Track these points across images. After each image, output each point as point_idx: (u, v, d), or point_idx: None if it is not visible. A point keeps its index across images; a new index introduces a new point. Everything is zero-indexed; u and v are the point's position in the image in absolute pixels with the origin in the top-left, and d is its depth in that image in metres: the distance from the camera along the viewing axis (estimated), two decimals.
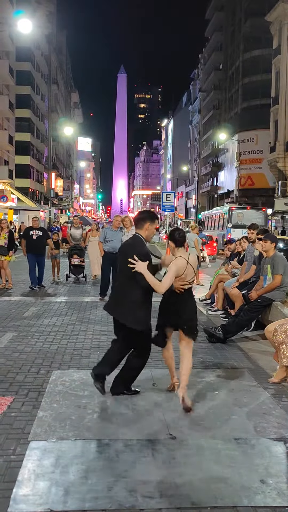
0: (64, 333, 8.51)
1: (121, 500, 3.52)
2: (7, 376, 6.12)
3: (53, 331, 8.62)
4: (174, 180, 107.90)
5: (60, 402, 5.27)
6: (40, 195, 63.89)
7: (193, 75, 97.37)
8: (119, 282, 5.51)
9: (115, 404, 5.29)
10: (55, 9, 79.35)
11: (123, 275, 5.26)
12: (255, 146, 54.07)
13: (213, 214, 38.42)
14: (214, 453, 4.25)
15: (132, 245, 5.31)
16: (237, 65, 61.19)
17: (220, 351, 7.57)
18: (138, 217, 5.45)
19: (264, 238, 8.21)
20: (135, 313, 5.18)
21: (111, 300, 5.56)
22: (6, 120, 46.89)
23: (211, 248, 26.37)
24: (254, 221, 30.74)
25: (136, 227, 5.42)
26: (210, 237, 27.08)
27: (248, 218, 28.67)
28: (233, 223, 30.12)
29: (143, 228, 5.32)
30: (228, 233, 28.51)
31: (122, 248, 5.59)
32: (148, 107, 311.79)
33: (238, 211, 31.29)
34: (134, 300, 5.17)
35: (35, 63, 58.79)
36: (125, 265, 5.10)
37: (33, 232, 13.83)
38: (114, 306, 5.38)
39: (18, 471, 3.85)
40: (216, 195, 69.24)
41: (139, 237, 5.33)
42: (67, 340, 8.01)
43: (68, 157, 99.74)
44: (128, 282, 5.17)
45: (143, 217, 5.40)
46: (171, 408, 5.20)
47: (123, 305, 5.24)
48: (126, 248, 5.36)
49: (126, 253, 5.18)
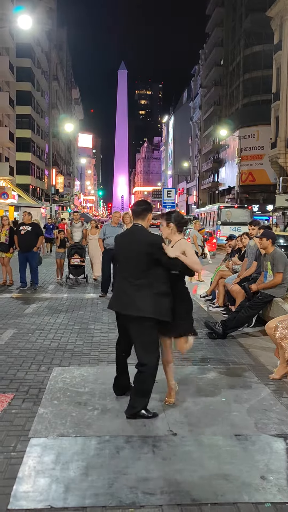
0: (64, 330, 8.51)
1: (122, 497, 3.52)
2: (8, 373, 6.12)
3: (53, 328, 8.61)
4: (175, 177, 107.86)
5: (60, 399, 5.27)
6: (41, 192, 63.88)
7: (194, 71, 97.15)
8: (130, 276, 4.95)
9: (115, 401, 5.29)
10: (55, 5, 79.18)
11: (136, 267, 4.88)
12: (256, 142, 54.01)
13: (205, 211, 40.55)
14: (214, 449, 4.25)
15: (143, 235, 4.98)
16: (237, 61, 61.04)
17: (220, 347, 7.57)
18: (142, 208, 5.09)
19: (260, 236, 8.19)
20: (160, 304, 4.83)
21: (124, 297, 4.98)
22: (6, 116, 46.82)
23: (211, 244, 26.02)
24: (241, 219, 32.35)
25: (139, 218, 5.08)
26: (210, 233, 27.49)
27: (235, 216, 32.33)
28: (222, 220, 32.43)
29: (145, 219, 5.08)
30: (218, 229, 31.23)
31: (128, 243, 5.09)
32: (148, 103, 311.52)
33: (226, 210, 33.63)
34: (156, 292, 4.83)
35: (35, 59, 58.69)
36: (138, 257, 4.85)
37: (23, 228, 13.17)
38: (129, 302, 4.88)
39: (19, 468, 3.86)
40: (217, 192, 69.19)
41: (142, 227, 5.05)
42: (68, 337, 8.01)
43: (68, 154, 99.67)
44: (144, 274, 4.84)
45: (147, 207, 5.11)
46: (171, 404, 5.19)
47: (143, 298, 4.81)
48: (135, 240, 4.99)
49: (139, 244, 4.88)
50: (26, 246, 13.12)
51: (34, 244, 13.16)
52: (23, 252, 13.17)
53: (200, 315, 10.00)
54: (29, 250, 13.11)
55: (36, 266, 13.34)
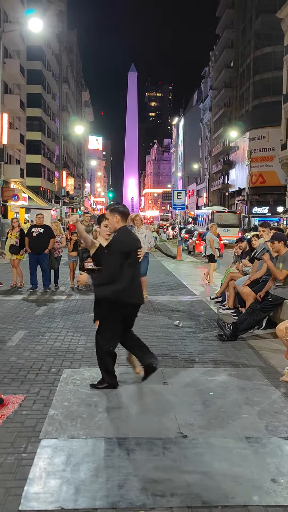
0: (75, 331, 8.52)
1: (132, 499, 3.52)
2: (19, 374, 6.14)
3: (64, 330, 8.64)
4: (185, 178, 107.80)
5: (71, 401, 5.28)
6: (51, 194, 64.09)
7: (204, 73, 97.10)
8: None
9: (126, 402, 5.29)
10: (65, 8, 79.46)
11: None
12: (266, 144, 53.88)
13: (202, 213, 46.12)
14: (225, 452, 4.24)
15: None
16: (248, 62, 60.94)
17: (231, 349, 7.55)
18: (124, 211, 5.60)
19: (271, 240, 8.16)
20: None
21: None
22: (17, 119, 47.05)
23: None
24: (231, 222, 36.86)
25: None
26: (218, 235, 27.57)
27: (225, 219, 37.59)
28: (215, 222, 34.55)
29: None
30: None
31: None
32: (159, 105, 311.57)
33: (218, 214, 38.85)
34: None
35: (46, 62, 58.96)
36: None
37: (34, 229, 13.21)
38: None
39: (29, 469, 3.87)
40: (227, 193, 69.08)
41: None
42: (78, 338, 8.02)
43: (79, 156, 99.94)
44: None
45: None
46: (182, 406, 5.19)
47: None
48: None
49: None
50: (37, 248, 13.14)
51: (45, 246, 13.17)
52: (34, 254, 13.21)
53: (210, 317, 9.99)
54: (40, 252, 13.13)
55: (46, 268, 13.34)
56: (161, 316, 10.08)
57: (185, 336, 8.34)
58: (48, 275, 13.40)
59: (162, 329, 8.82)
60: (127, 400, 5.34)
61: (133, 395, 5.49)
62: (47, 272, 13.36)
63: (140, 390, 5.66)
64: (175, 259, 25.72)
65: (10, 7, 41.77)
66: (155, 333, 8.49)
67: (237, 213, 41.74)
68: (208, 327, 9.07)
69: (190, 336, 8.34)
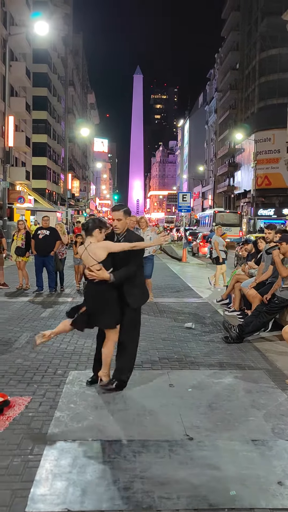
0: (80, 333, 8.49)
1: (138, 501, 3.52)
2: (25, 376, 6.15)
3: (69, 332, 8.62)
4: (190, 181, 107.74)
5: (77, 403, 5.29)
6: (57, 196, 64.22)
7: (209, 75, 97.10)
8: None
9: (132, 404, 5.29)
10: (71, 11, 79.68)
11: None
12: (272, 146, 53.75)
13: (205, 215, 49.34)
14: (231, 454, 4.23)
15: None
16: (253, 65, 60.90)
17: (237, 352, 7.53)
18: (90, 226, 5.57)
19: (279, 241, 8.15)
20: None
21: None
22: (23, 121, 47.21)
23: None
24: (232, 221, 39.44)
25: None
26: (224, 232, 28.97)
27: (227, 219, 40.62)
28: (217, 222, 38.51)
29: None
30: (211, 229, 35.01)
31: None
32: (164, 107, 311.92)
33: (220, 214, 42.65)
34: None
35: (51, 65, 59.14)
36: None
37: (40, 232, 13.25)
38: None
39: (36, 471, 3.87)
40: (233, 195, 68.97)
41: None
42: (84, 340, 8.03)
43: (84, 158, 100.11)
44: None
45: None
46: (188, 409, 5.19)
47: None
48: None
49: None
50: (43, 250, 13.17)
51: (51, 249, 13.22)
52: (40, 256, 13.26)
53: (216, 319, 9.98)
54: (46, 255, 13.17)
55: (52, 270, 13.36)
56: (167, 318, 10.07)
57: (190, 338, 8.33)
58: (53, 277, 13.45)
59: (167, 331, 8.82)
60: (133, 402, 5.34)
61: (139, 397, 5.48)
62: (53, 274, 13.39)
63: (146, 392, 5.66)
64: (181, 261, 25.69)
65: (16, 10, 41.93)
66: (160, 335, 8.49)
67: (237, 213, 44.47)
68: (214, 329, 9.06)
69: (196, 338, 8.33)
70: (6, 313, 10.27)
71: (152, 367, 6.64)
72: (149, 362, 6.86)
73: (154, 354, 7.29)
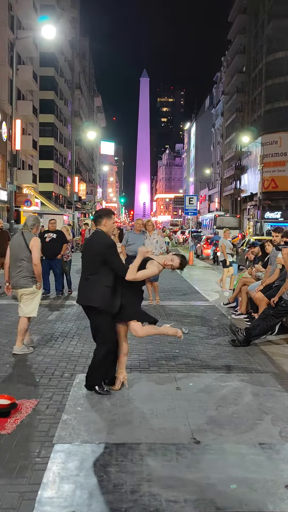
0: (87, 336, 8.51)
1: (145, 504, 3.51)
2: (32, 379, 6.17)
3: (76, 334, 8.66)
4: (196, 184, 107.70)
5: (84, 406, 5.30)
6: (64, 199, 64.37)
7: (216, 78, 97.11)
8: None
9: (139, 407, 5.29)
10: (78, 15, 79.98)
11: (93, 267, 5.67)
12: (278, 149, 53.61)
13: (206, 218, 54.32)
14: (238, 458, 4.22)
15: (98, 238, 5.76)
16: (260, 67, 60.83)
17: (244, 355, 7.52)
18: (96, 215, 5.93)
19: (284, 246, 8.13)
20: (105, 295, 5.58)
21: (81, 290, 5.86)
22: (30, 125, 47.38)
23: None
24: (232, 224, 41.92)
25: (97, 224, 5.86)
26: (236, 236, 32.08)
27: (227, 222, 43.51)
28: (217, 225, 43.23)
29: (102, 224, 5.78)
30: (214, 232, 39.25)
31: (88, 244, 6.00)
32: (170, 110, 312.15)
33: (220, 217, 46.60)
34: (107, 285, 5.60)
35: (58, 68, 59.35)
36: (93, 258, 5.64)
37: (47, 235, 13.30)
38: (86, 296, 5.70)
39: (43, 474, 3.88)
40: (240, 198, 68.84)
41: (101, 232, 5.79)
42: (91, 343, 7.99)
43: (91, 161, 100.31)
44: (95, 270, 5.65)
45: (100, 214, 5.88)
46: (195, 412, 5.18)
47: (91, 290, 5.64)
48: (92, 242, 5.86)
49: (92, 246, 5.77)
50: (50, 254, 13.15)
51: (58, 252, 13.26)
52: (47, 259, 13.27)
53: (222, 322, 9.97)
54: (53, 258, 13.19)
55: (59, 273, 13.41)
56: (173, 321, 10.06)
57: (197, 342, 8.33)
58: (61, 280, 13.48)
59: None
60: (140, 405, 5.34)
61: (146, 400, 5.48)
62: (59, 277, 13.43)
63: (153, 395, 5.66)
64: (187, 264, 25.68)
65: (24, 14, 42.17)
66: (167, 338, 8.47)
67: (236, 217, 49.76)
68: (221, 333, 9.05)
69: (203, 342, 8.32)
70: (13, 315, 10.28)
71: (159, 370, 6.64)
72: (155, 365, 6.86)
73: (160, 357, 7.29)
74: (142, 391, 5.77)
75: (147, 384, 6.00)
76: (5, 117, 36.02)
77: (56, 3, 57.33)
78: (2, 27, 37.65)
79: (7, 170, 34.68)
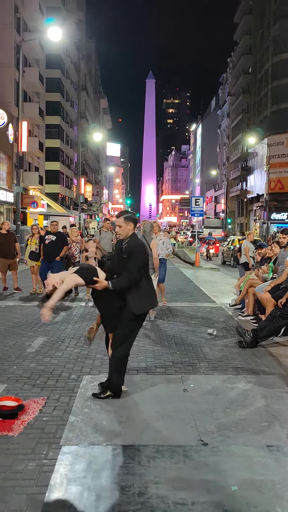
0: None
1: (153, 506, 3.50)
2: (39, 380, 6.17)
3: (83, 336, 8.65)
4: (203, 185, 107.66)
5: (91, 407, 5.29)
6: (70, 201, 64.48)
7: (222, 79, 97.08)
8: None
9: (146, 409, 5.28)
10: (84, 17, 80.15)
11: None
12: (285, 150, 53.56)
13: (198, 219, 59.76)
14: (246, 460, 4.21)
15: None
16: (266, 68, 60.79)
17: (251, 356, 7.50)
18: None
19: None
20: None
21: None
22: (36, 127, 47.49)
23: (214, 247, 34.26)
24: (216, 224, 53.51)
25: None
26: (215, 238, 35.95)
27: (212, 223, 55.64)
28: (205, 225, 51.76)
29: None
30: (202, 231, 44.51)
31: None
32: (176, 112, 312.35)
33: (207, 219, 57.83)
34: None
35: (64, 70, 59.50)
36: None
37: (47, 237, 13.09)
38: None
39: (51, 476, 3.88)
40: (246, 199, 68.79)
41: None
42: (97, 344, 8.01)
43: (97, 163, 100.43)
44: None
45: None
46: (202, 414, 5.17)
47: None
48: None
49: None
50: (48, 256, 13.00)
51: (57, 254, 13.05)
52: (46, 261, 13.15)
53: (229, 324, 9.94)
54: (51, 260, 12.96)
55: None
56: (180, 322, 10.06)
57: (204, 343, 8.31)
58: None
59: (181, 336, 8.80)
60: (147, 407, 5.33)
61: (153, 402, 5.47)
62: None
63: (160, 397, 5.65)
64: (193, 265, 25.66)
65: (30, 16, 42.29)
66: (174, 340, 8.48)
67: (220, 219, 63.59)
68: (228, 334, 9.03)
69: (210, 343, 8.31)
70: (20, 317, 10.32)
71: (166, 372, 6.63)
72: (162, 367, 6.85)
73: (167, 358, 7.27)
74: (149, 393, 5.76)
75: (154, 385, 5.99)
76: (12, 119, 36.11)
77: (62, 5, 57.47)
78: (8, 29, 37.76)
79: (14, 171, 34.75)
